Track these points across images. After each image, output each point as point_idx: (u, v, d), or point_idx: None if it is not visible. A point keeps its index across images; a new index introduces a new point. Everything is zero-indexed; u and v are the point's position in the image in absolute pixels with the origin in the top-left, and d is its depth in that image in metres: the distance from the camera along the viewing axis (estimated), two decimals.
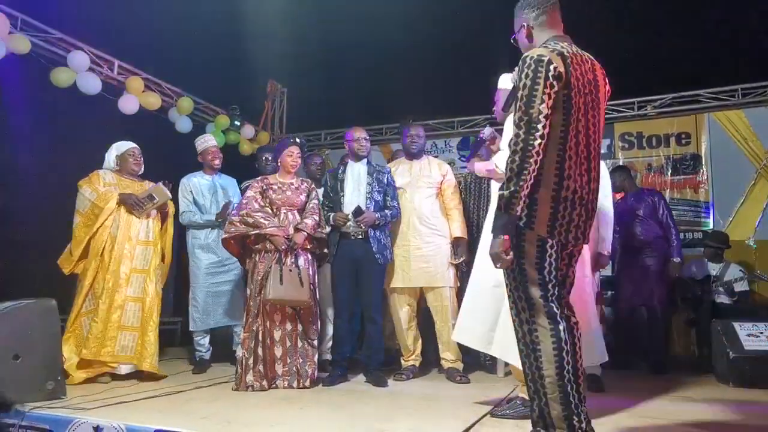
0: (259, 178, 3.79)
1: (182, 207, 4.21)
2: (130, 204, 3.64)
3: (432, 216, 3.91)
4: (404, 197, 3.95)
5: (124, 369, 3.55)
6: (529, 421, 1.98)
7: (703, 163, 5.60)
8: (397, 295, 3.93)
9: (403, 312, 3.91)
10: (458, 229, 3.92)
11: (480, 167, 3.04)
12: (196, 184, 4.29)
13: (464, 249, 3.91)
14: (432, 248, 3.85)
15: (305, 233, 3.51)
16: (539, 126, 1.83)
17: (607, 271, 4.63)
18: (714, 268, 4.82)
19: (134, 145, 3.87)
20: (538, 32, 2.10)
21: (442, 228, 3.93)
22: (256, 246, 3.51)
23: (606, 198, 3.40)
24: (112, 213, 3.59)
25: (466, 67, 6.44)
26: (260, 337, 3.39)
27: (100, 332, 3.42)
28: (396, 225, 3.95)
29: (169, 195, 3.79)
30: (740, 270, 4.76)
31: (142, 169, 3.90)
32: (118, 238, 3.59)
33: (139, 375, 3.59)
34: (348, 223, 3.68)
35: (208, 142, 4.42)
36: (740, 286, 4.67)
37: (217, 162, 4.36)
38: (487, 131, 2.96)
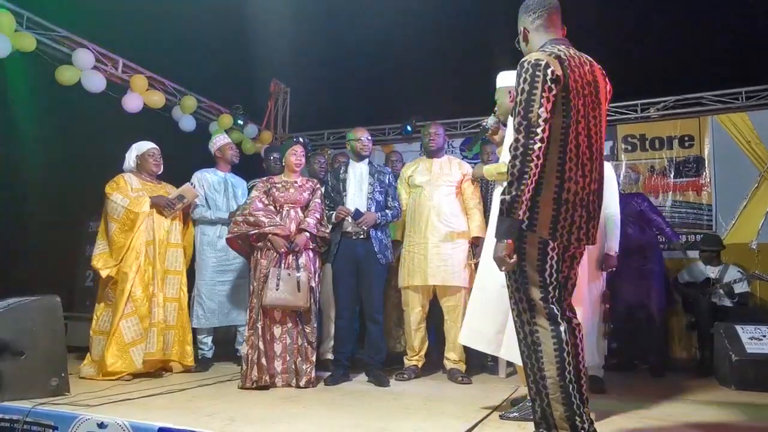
0: (265, 178, 3.81)
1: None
2: (162, 205, 3.74)
3: (451, 214, 3.89)
4: (423, 194, 3.93)
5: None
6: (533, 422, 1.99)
7: (706, 165, 5.59)
8: (411, 294, 3.91)
9: (414, 312, 3.90)
10: (477, 229, 3.88)
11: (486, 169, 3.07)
12: (208, 179, 4.32)
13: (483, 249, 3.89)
14: (450, 247, 3.83)
15: (308, 234, 3.52)
16: (538, 130, 1.85)
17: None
18: (713, 271, 4.81)
19: (154, 145, 3.92)
20: (534, 35, 2.11)
21: (461, 227, 3.90)
22: (258, 244, 3.53)
23: (612, 199, 3.40)
24: (146, 217, 3.66)
25: (468, 68, 6.44)
26: (262, 334, 3.41)
27: (159, 334, 3.57)
28: (414, 222, 3.93)
29: (197, 194, 3.96)
30: (738, 271, 4.75)
31: (162, 169, 3.94)
32: (155, 241, 3.68)
33: (147, 373, 3.61)
34: (347, 223, 3.68)
35: (225, 138, 4.53)
36: (740, 288, 4.67)
37: (236, 158, 4.48)
38: (491, 120, 2.95)
